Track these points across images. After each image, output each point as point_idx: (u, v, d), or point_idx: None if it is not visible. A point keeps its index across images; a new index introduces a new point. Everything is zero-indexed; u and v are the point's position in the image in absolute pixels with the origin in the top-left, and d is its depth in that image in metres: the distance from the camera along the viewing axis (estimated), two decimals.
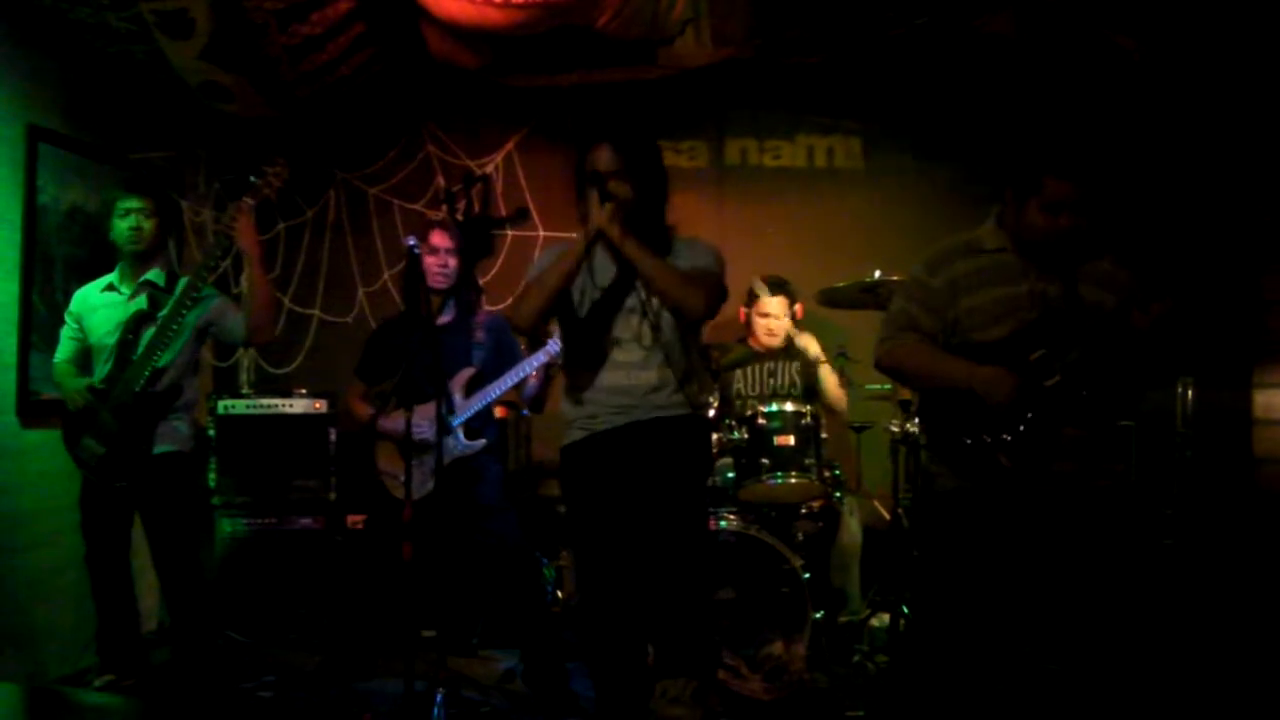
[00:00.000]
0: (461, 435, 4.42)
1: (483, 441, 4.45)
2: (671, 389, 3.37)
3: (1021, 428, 3.13)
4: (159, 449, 4.19)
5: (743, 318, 5.38)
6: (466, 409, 4.42)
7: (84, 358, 4.34)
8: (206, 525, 5.12)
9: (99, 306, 4.33)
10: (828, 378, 5.25)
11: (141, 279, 4.32)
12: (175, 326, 4.13)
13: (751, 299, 5.31)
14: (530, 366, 4.45)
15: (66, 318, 4.41)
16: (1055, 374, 3.13)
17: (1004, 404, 3.12)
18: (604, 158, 3.33)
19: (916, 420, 4.36)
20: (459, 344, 4.47)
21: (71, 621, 4.75)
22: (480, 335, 4.51)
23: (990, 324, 3.22)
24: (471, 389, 4.47)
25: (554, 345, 4.40)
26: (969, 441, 3.21)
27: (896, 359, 3.37)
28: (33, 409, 4.80)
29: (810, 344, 5.32)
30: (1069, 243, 3.17)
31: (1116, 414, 3.30)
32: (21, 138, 4.80)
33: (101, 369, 4.23)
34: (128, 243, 4.28)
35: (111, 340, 4.22)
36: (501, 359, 4.52)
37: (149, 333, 4.15)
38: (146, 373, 4.10)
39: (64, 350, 4.40)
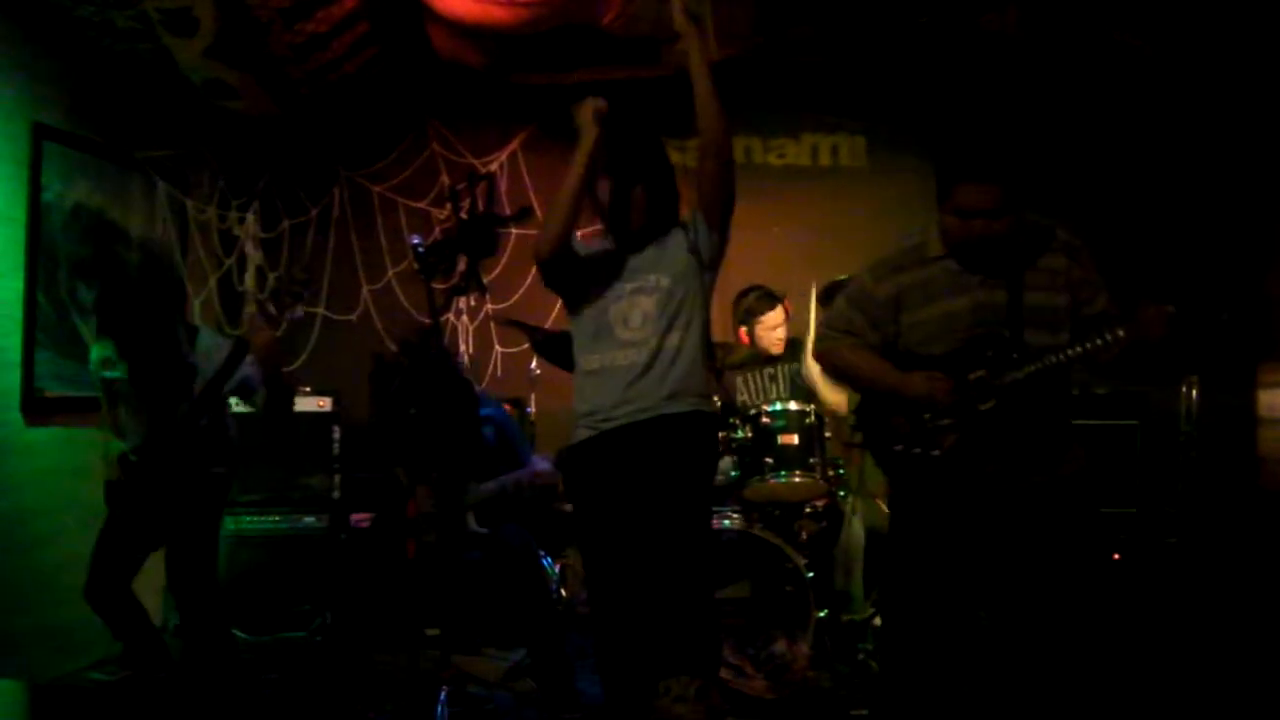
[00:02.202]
0: (473, 520, 4.48)
1: (486, 531, 4.51)
2: (675, 364, 3.36)
3: (949, 444, 3.14)
4: (202, 472, 4.07)
5: (745, 339, 5.32)
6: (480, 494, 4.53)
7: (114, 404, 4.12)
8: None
9: (114, 378, 4.06)
10: (822, 389, 5.19)
11: None
12: (210, 399, 3.97)
13: (750, 317, 5.25)
14: (528, 474, 4.68)
15: (94, 379, 4.13)
16: (990, 399, 3.11)
17: (939, 406, 3.12)
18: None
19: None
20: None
21: (75, 619, 4.75)
22: (487, 430, 4.64)
23: (931, 341, 3.20)
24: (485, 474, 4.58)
25: (541, 463, 4.68)
26: (898, 449, 3.22)
27: (833, 360, 3.41)
28: (37, 406, 4.81)
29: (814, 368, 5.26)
30: (992, 248, 3.09)
31: (1064, 418, 3.27)
32: (26, 135, 4.80)
33: (133, 439, 4.01)
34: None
35: (140, 412, 4.01)
36: (505, 451, 4.65)
37: (183, 408, 3.97)
38: (177, 443, 3.94)
39: (102, 397, 4.13)
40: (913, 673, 3.31)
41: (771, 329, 5.21)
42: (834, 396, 5.16)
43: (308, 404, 5.41)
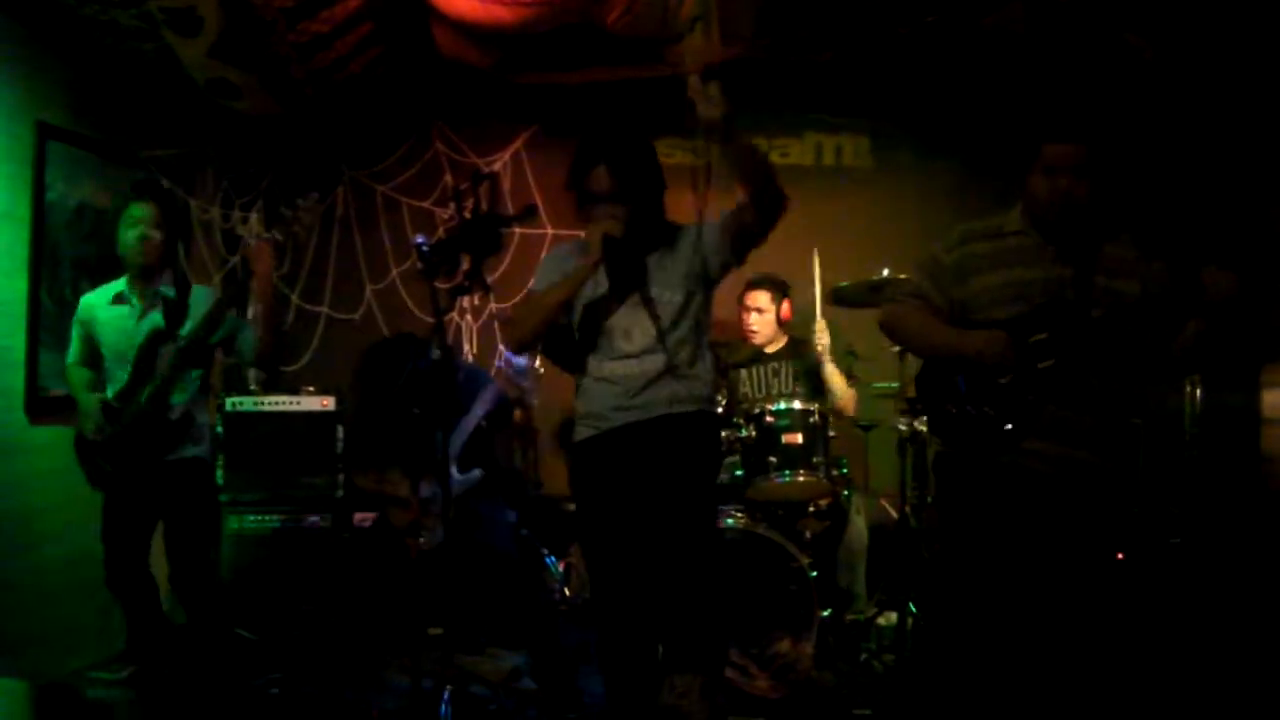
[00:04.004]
0: (455, 471, 4.47)
1: (477, 473, 4.49)
2: (677, 377, 3.37)
3: (1006, 402, 3.15)
4: (176, 455, 4.13)
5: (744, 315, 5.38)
6: (452, 445, 4.51)
7: (94, 359, 4.20)
8: (217, 524, 5.11)
9: (109, 320, 4.16)
10: (833, 376, 5.17)
11: (152, 291, 4.15)
12: (196, 348, 4.04)
13: (745, 290, 5.32)
14: (491, 397, 4.64)
15: (74, 324, 4.25)
16: (1051, 358, 3.14)
17: (999, 362, 3.14)
18: (600, 179, 3.37)
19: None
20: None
21: (80, 616, 4.76)
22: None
23: (996, 305, 3.24)
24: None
25: (518, 360, 4.61)
26: (954, 411, 3.25)
27: (897, 319, 3.45)
28: (41, 406, 4.81)
29: (823, 335, 5.19)
30: (1077, 210, 3.16)
31: (1124, 407, 3.30)
32: (30, 134, 4.81)
33: (115, 385, 4.10)
34: (135, 255, 4.11)
35: (126, 358, 4.07)
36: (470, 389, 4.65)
37: (168, 353, 4.03)
38: (157, 393, 4.01)
39: (75, 352, 4.24)
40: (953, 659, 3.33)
41: (747, 310, 5.24)
42: (845, 395, 5.16)
43: (311, 403, 5.40)
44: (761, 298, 5.27)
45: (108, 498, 4.16)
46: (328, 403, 5.36)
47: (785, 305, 5.31)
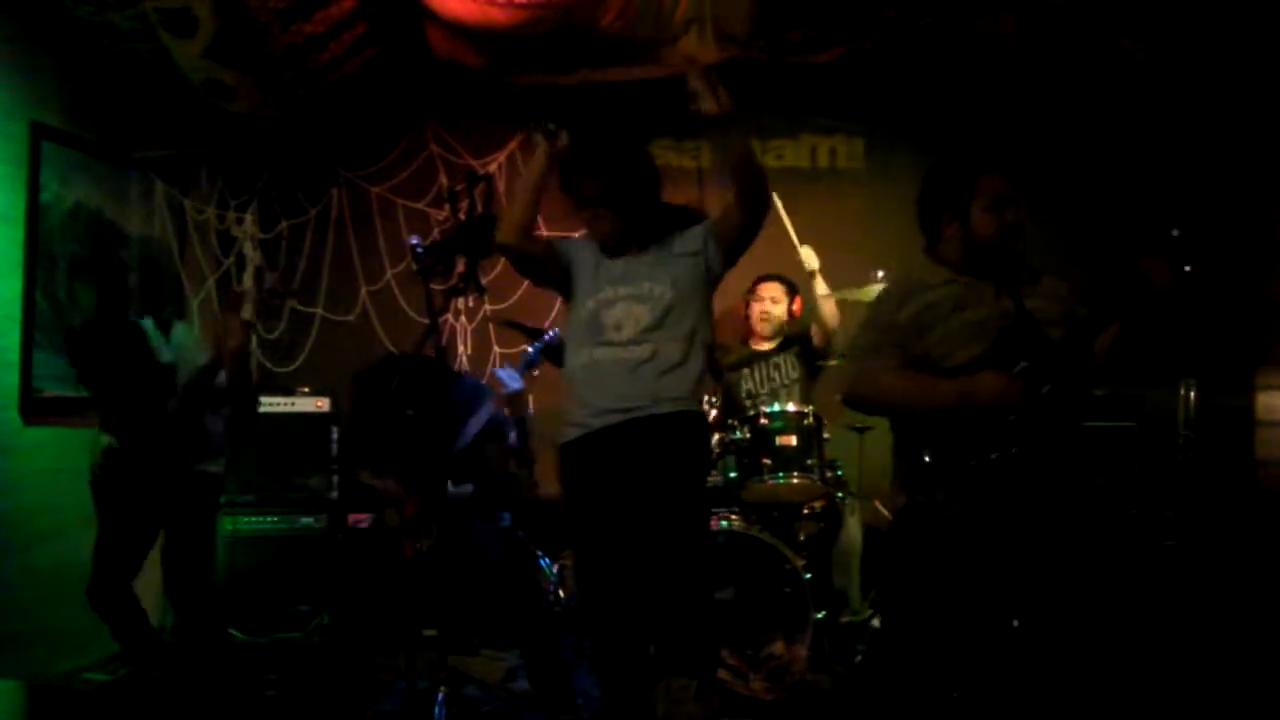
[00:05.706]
0: (449, 484, 4.46)
1: (469, 488, 4.49)
2: (665, 371, 3.36)
3: (1025, 439, 3.09)
4: (192, 469, 4.17)
5: (742, 311, 5.40)
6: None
7: None
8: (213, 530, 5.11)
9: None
10: (825, 303, 5.18)
11: None
12: (192, 403, 4.10)
13: (753, 285, 5.33)
14: (487, 414, 4.63)
15: None
16: (1046, 383, 3.08)
17: (1012, 400, 3.07)
18: (589, 187, 3.45)
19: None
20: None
21: (72, 618, 4.74)
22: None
23: (956, 350, 3.12)
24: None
25: (511, 381, 4.67)
26: (974, 463, 3.13)
27: (879, 385, 3.17)
28: (35, 406, 4.81)
29: (810, 259, 5.28)
30: (1019, 238, 3.11)
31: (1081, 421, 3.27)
32: (25, 135, 4.81)
33: (120, 433, 4.13)
34: None
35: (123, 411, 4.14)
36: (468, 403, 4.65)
37: (170, 405, 4.10)
38: (164, 437, 4.07)
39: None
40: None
41: (767, 298, 5.30)
42: (834, 318, 5.16)
43: (305, 405, 5.41)
44: (775, 289, 5.28)
45: (108, 519, 4.13)
46: (323, 404, 5.37)
47: (797, 302, 5.33)
